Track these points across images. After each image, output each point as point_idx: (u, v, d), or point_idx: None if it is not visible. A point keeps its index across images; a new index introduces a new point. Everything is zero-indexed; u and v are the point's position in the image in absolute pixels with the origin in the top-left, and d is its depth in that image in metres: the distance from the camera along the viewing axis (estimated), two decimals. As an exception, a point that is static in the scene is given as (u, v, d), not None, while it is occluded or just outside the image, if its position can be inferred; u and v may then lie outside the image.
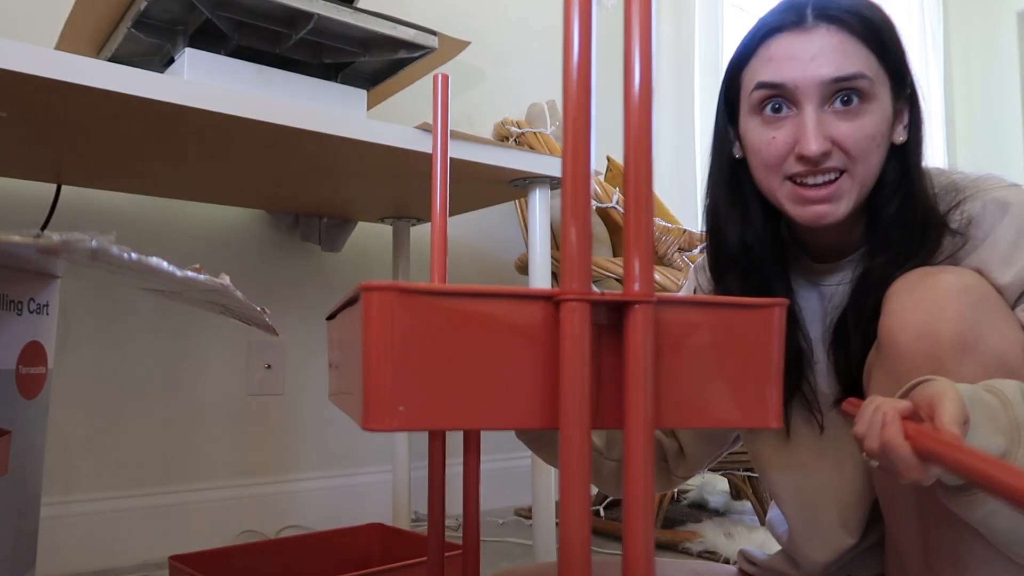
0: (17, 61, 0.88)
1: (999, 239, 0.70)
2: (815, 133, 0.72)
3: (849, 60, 0.72)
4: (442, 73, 0.76)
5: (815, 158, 0.72)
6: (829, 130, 0.72)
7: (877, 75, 0.73)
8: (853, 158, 0.73)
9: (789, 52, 0.73)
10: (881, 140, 0.74)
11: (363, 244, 1.86)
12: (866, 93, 0.72)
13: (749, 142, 0.78)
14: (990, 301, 0.67)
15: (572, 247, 0.43)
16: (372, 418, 0.42)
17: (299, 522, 1.69)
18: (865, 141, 0.72)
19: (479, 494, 0.71)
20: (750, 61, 0.77)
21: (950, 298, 0.66)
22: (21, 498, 0.69)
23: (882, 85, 0.74)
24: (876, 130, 0.73)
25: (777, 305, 0.50)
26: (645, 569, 0.42)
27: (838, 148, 0.73)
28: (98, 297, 1.51)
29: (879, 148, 0.74)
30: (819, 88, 0.72)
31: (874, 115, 0.73)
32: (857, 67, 0.72)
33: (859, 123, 0.72)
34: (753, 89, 0.76)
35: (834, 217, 0.74)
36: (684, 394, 0.47)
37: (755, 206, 0.82)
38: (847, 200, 0.74)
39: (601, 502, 1.80)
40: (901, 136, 0.77)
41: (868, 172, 0.74)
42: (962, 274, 0.69)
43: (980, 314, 0.65)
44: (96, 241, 0.49)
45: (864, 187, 0.75)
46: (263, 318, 0.68)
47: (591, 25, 0.43)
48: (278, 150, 1.21)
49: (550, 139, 1.85)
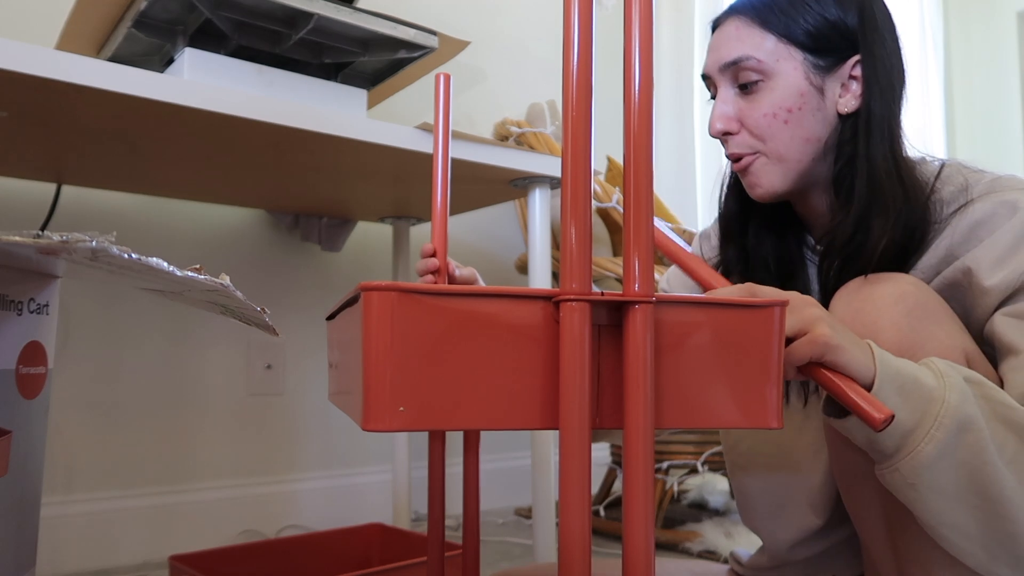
0: (17, 61, 0.88)
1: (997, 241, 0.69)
2: (716, 115, 0.79)
3: (739, 44, 0.77)
4: (444, 73, 0.76)
5: (717, 136, 0.80)
6: (738, 110, 0.79)
7: (773, 53, 0.76)
8: (757, 136, 0.78)
9: (710, 45, 0.82)
10: (788, 116, 0.76)
11: (363, 244, 1.86)
12: (760, 72, 0.76)
13: None
14: (926, 308, 0.67)
15: (572, 247, 0.43)
16: (372, 418, 0.42)
17: (299, 522, 1.69)
18: (765, 119, 0.77)
19: (479, 494, 0.71)
20: None
21: (885, 309, 0.66)
22: (21, 498, 0.69)
23: (785, 60, 0.76)
24: (777, 106, 0.76)
25: (777, 305, 0.50)
26: (645, 569, 0.43)
27: (745, 129, 0.78)
28: (98, 297, 1.51)
29: (787, 124, 0.76)
30: (721, 73, 0.79)
31: (774, 92, 0.76)
32: (742, 51, 0.77)
33: (757, 102, 0.77)
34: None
35: (762, 189, 0.79)
36: (684, 394, 0.47)
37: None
38: (770, 175, 0.78)
39: (601, 502, 1.80)
40: (848, 106, 0.77)
41: (784, 148, 0.77)
42: (897, 282, 0.69)
43: (915, 322, 0.66)
44: (96, 241, 0.49)
45: (787, 162, 0.77)
46: (263, 318, 0.68)
47: (591, 25, 0.43)
48: (278, 150, 1.21)
49: (550, 139, 1.85)
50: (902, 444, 0.58)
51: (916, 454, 0.57)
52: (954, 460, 0.58)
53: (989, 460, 0.58)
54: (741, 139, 0.79)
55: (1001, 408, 0.59)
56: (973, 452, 0.58)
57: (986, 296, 0.68)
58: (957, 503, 0.59)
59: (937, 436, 0.57)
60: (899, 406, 0.57)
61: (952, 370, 0.60)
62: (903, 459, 0.58)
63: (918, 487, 0.59)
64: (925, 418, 0.57)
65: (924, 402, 0.58)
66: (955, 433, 0.57)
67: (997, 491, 0.58)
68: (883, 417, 0.55)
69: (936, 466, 0.57)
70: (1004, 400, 0.60)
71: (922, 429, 0.57)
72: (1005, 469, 0.58)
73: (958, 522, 0.60)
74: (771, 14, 0.77)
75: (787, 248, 0.84)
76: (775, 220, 0.85)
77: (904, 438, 0.58)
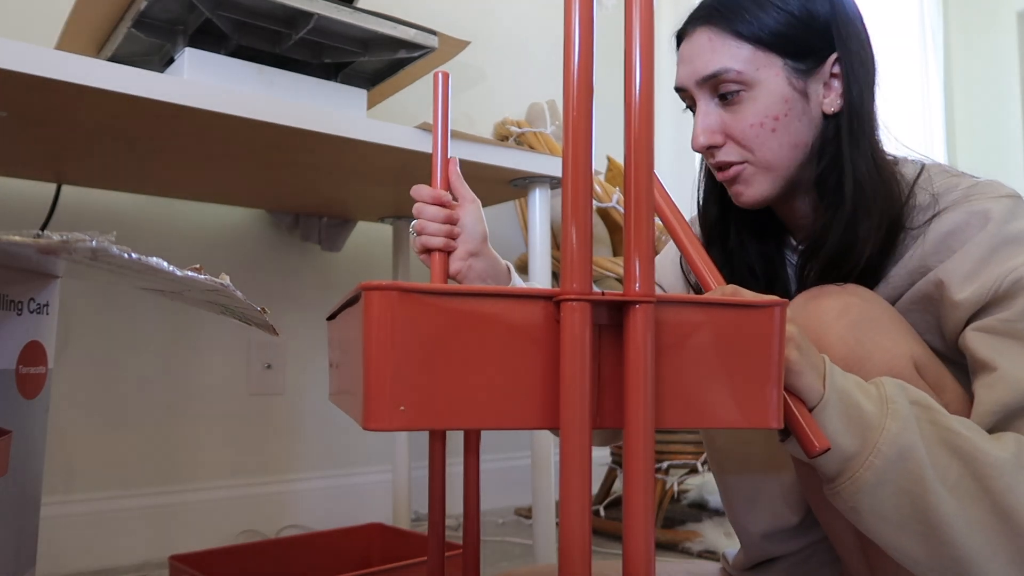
0: (17, 61, 0.88)
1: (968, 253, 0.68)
2: (700, 129, 0.77)
3: (715, 56, 0.75)
4: (442, 71, 0.76)
5: (701, 151, 0.78)
6: (720, 121, 0.76)
7: (752, 62, 0.74)
8: (745, 147, 0.76)
9: (681, 57, 0.80)
10: (775, 123, 0.74)
11: (363, 244, 1.86)
12: (741, 82, 0.74)
13: None
14: (871, 318, 0.67)
15: (572, 247, 0.43)
16: (372, 418, 0.42)
17: (299, 522, 1.69)
18: (752, 129, 0.75)
19: (479, 494, 0.71)
20: None
21: (830, 323, 0.66)
22: (21, 498, 0.69)
23: (765, 68, 0.74)
24: (762, 115, 0.74)
25: (777, 305, 0.50)
26: (645, 569, 0.42)
27: (730, 140, 0.76)
28: (98, 297, 1.51)
29: (774, 132, 0.74)
30: (698, 87, 0.77)
31: (756, 102, 0.74)
32: (720, 63, 0.74)
33: (739, 114, 0.75)
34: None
35: (750, 197, 0.77)
36: (684, 394, 0.47)
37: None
38: (757, 184, 0.76)
39: (601, 502, 1.80)
40: (832, 106, 0.76)
41: (770, 155, 0.75)
42: (840, 295, 0.68)
43: (861, 334, 0.65)
44: (96, 241, 0.49)
45: (775, 169, 0.76)
46: (263, 318, 0.68)
47: (591, 25, 0.43)
48: (278, 150, 1.21)
49: (550, 139, 1.85)
50: (843, 469, 0.58)
51: (855, 479, 0.58)
52: (894, 487, 0.58)
53: (929, 488, 0.57)
54: (728, 150, 0.76)
55: (946, 433, 0.59)
56: (912, 479, 0.57)
57: (956, 310, 0.67)
58: (900, 529, 0.59)
59: (875, 463, 0.57)
60: (841, 431, 0.57)
61: (900, 393, 0.60)
62: (843, 484, 0.58)
63: (859, 511, 0.59)
64: (865, 445, 0.57)
65: (864, 429, 0.58)
66: (893, 461, 0.57)
67: (937, 517, 0.57)
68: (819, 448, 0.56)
69: (875, 492, 0.58)
70: (950, 425, 0.60)
71: (861, 456, 0.57)
72: (947, 495, 0.57)
73: (903, 547, 0.60)
74: (740, 21, 0.74)
75: (768, 251, 0.84)
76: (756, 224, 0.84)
77: (845, 463, 0.58)
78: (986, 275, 0.66)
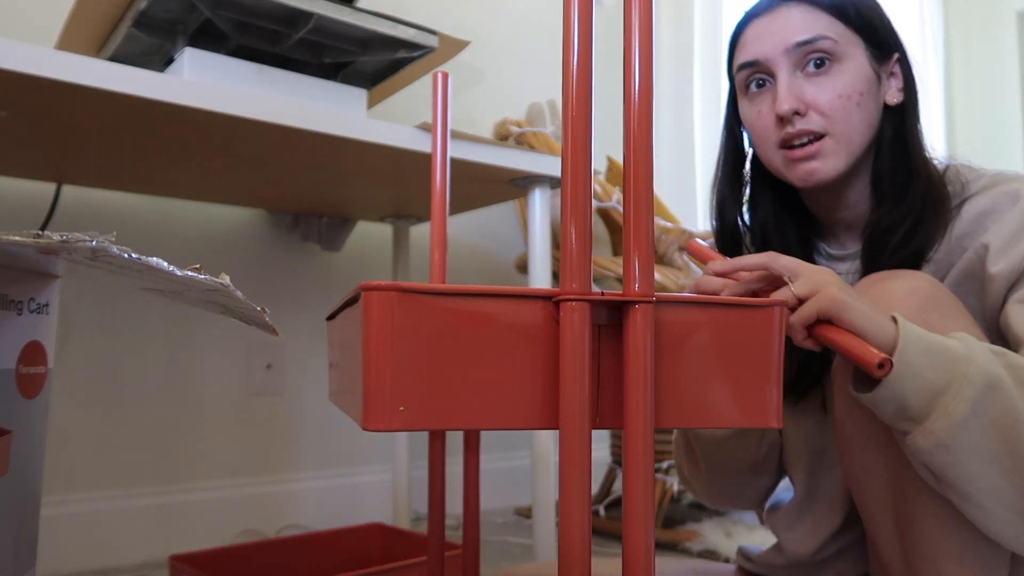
0: (17, 61, 0.88)
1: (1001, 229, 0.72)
2: (786, 94, 0.77)
3: (810, 25, 0.77)
4: (442, 71, 0.76)
5: (787, 115, 0.77)
6: (803, 93, 0.77)
7: (843, 37, 0.78)
8: (829, 117, 0.77)
9: (758, 33, 0.81)
10: (860, 99, 0.77)
11: (363, 244, 1.86)
12: (834, 54, 0.77)
13: (745, 121, 0.84)
14: (939, 302, 0.68)
15: (572, 247, 0.43)
16: (372, 418, 0.42)
17: (299, 522, 1.69)
18: (840, 100, 0.77)
19: (479, 494, 0.71)
20: (734, 52, 0.84)
21: (898, 302, 0.67)
22: (21, 498, 0.69)
23: (853, 46, 0.78)
24: (850, 88, 0.77)
25: (777, 305, 0.50)
26: (645, 569, 0.43)
27: (813, 109, 0.77)
28: (98, 297, 1.51)
29: (859, 107, 0.77)
30: (786, 55, 0.78)
31: (846, 75, 0.77)
32: (818, 30, 0.77)
33: (830, 82, 0.77)
34: (736, 72, 0.83)
35: (823, 173, 0.78)
36: (684, 394, 0.47)
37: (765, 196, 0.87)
38: (833, 159, 0.77)
39: (601, 502, 1.80)
40: (896, 97, 0.80)
41: (851, 130, 0.77)
42: (910, 278, 0.70)
43: (928, 315, 0.66)
44: (96, 241, 0.49)
45: (852, 145, 0.78)
46: (263, 318, 0.68)
47: (591, 25, 0.43)
48: (278, 150, 1.21)
49: (550, 139, 1.85)
50: (933, 405, 0.59)
51: (948, 413, 0.58)
52: (985, 419, 0.58)
53: (1019, 418, 0.58)
54: (810, 120, 0.77)
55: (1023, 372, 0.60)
56: (1002, 410, 0.58)
57: (992, 283, 0.70)
58: (990, 465, 0.59)
59: (967, 393, 0.58)
60: (927, 366, 0.58)
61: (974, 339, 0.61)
62: (936, 420, 0.59)
63: (952, 448, 0.59)
64: (955, 377, 0.58)
65: (951, 361, 0.59)
66: (985, 391, 0.58)
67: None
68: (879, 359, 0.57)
69: (968, 425, 0.58)
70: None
71: (952, 388, 0.58)
72: None
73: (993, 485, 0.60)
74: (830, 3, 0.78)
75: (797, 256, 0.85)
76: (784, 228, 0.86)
77: (935, 398, 0.59)
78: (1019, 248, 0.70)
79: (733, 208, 0.87)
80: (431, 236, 0.81)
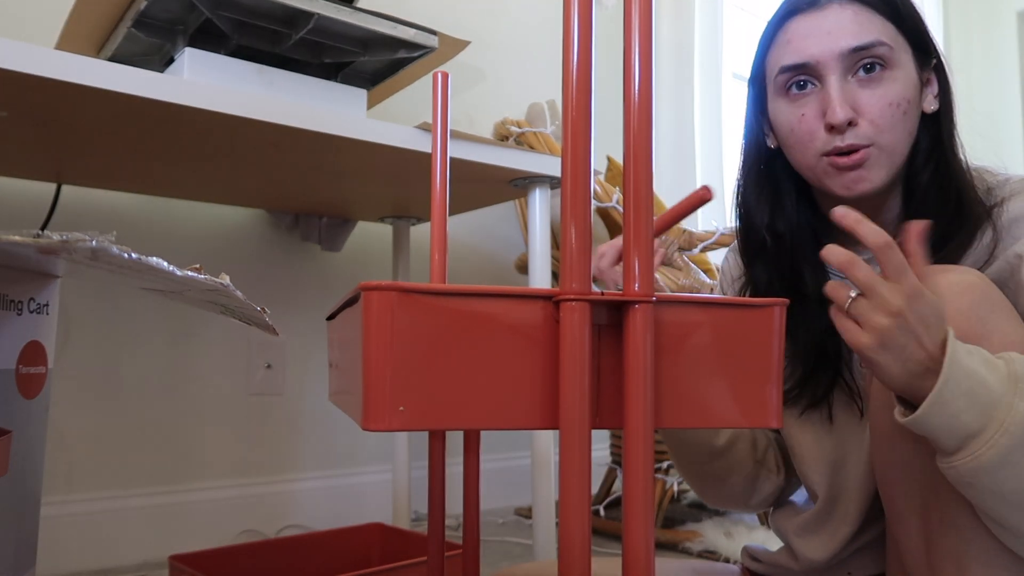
0: (17, 61, 0.88)
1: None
2: (840, 101, 0.73)
3: (865, 29, 0.74)
4: (441, 71, 0.76)
5: (841, 125, 0.73)
6: (854, 99, 0.74)
7: (896, 42, 0.74)
8: (878, 127, 0.74)
9: (805, 31, 0.75)
10: (908, 108, 0.74)
11: (363, 244, 1.86)
12: (888, 60, 0.74)
13: (780, 124, 0.79)
14: (992, 300, 0.67)
15: (572, 247, 0.43)
16: (372, 418, 0.42)
17: (299, 522, 1.69)
18: (890, 109, 0.73)
19: (479, 494, 0.71)
20: (771, 48, 0.80)
21: (952, 297, 0.65)
22: (21, 498, 0.69)
23: (904, 52, 0.75)
24: (900, 97, 0.74)
25: (777, 305, 0.50)
26: (645, 569, 0.42)
27: (863, 118, 0.74)
28: (98, 297, 1.51)
29: (906, 116, 0.74)
30: (839, 60, 0.74)
31: (897, 82, 0.74)
32: (875, 35, 0.74)
33: (882, 90, 0.74)
34: (777, 74, 0.78)
35: (869, 184, 0.75)
36: (684, 394, 0.47)
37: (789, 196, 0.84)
38: (879, 169, 0.75)
39: (601, 502, 1.80)
40: (932, 105, 0.78)
41: (897, 141, 0.75)
42: (964, 273, 0.68)
43: (982, 312, 0.65)
44: (96, 241, 0.49)
45: (895, 156, 0.75)
46: (263, 318, 0.68)
47: (591, 25, 0.43)
48: (278, 150, 1.21)
49: (550, 139, 1.85)
50: (963, 446, 0.58)
51: (977, 458, 0.57)
52: (1017, 468, 0.57)
53: None
54: (861, 130, 0.74)
55: None
56: None
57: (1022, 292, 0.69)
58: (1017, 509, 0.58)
59: (1001, 442, 0.57)
60: (964, 408, 0.57)
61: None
62: (963, 459, 0.58)
63: (976, 487, 0.59)
64: (991, 422, 0.57)
65: (990, 407, 0.57)
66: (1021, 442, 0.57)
67: None
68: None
69: (997, 472, 0.57)
70: None
71: (986, 434, 0.57)
72: None
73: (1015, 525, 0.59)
74: (883, 3, 0.75)
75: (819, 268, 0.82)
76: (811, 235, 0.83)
77: (966, 440, 0.58)
78: None
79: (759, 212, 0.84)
80: (431, 236, 0.81)
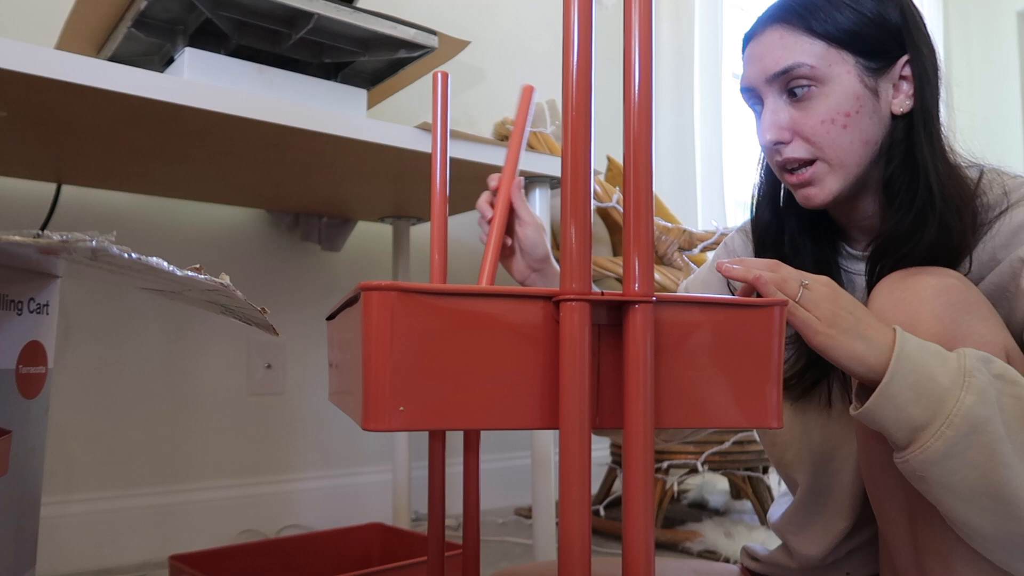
0: (17, 61, 0.88)
1: None
2: (768, 124, 0.77)
3: (789, 52, 0.75)
4: (442, 71, 0.76)
5: (770, 146, 0.77)
6: (789, 119, 0.76)
7: (823, 59, 0.75)
8: (816, 144, 0.76)
9: (749, 56, 0.80)
10: (847, 120, 0.75)
11: (363, 244, 1.86)
12: (814, 78, 0.75)
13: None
14: (969, 302, 0.67)
15: (572, 247, 0.43)
16: (372, 418, 0.42)
17: (299, 522, 1.69)
18: (823, 126, 0.75)
19: (479, 494, 0.71)
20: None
21: (927, 299, 0.66)
22: (21, 498, 0.69)
23: (837, 64, 0.75)
24: (834, 111, 0.75)
25: (777, 305, 0.50)
26: (645, 569, 0.43)
27: (798, 137, 0.76)
28: (98, 297, 1.51)
29: (847, 129, 0.75)
30: (767, 84, 0.77)
31: (828, 98, 0.75)
32: (794, 58, 0.75)
33: (812, 109, 0.76)
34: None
35: (821, 198, 0.77)
36: (684, 394, 0.47)
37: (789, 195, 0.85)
38: (830, 182, 0.76)
39: (601, 502, 1.80)
40: (903, 105, 0.77)
41: (845, 153, 0.76)
42: (942, 275, 0.69)
43: (957, 314, 0.66)
44: (96, 241, 0.49)
45: (847, 166, 0.76)
46: (263, 318, 0.68)
47: (591, 25, 0.43)
48: (278, 150, 1.21)
49: (550, 139, 1.85)
50: (913, 439, 0.59)
51: (925, 449, 0.59)
52: (964, 459, 0.58)
53: (1003, 462, 0.58)
54: (796, 147, 0.76)
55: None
56: (985, 453, 0.58)
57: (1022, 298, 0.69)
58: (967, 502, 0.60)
59: (946, 434, 0.58)
60: (911, 400, 0.59)
61: (982, 365, 0.60)
62: (913, 452, 0.59)
63: (927, 480, 0.60)
64: (938, 415, 0.58)
65: (938, 402, 0.59)
66: (966, 433, 0.58)
67: (1009, 492, 0.58)
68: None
69: (945, 463, 0.59)
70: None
71: (933, 427, 0.58)
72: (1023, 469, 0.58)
73: (971, 521, 0.60)
74: (813, 19, 0.75)
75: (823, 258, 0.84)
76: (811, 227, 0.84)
77: (915, 433, 0.59)
78: None
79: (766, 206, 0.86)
80: (431, 236, 0.81)
